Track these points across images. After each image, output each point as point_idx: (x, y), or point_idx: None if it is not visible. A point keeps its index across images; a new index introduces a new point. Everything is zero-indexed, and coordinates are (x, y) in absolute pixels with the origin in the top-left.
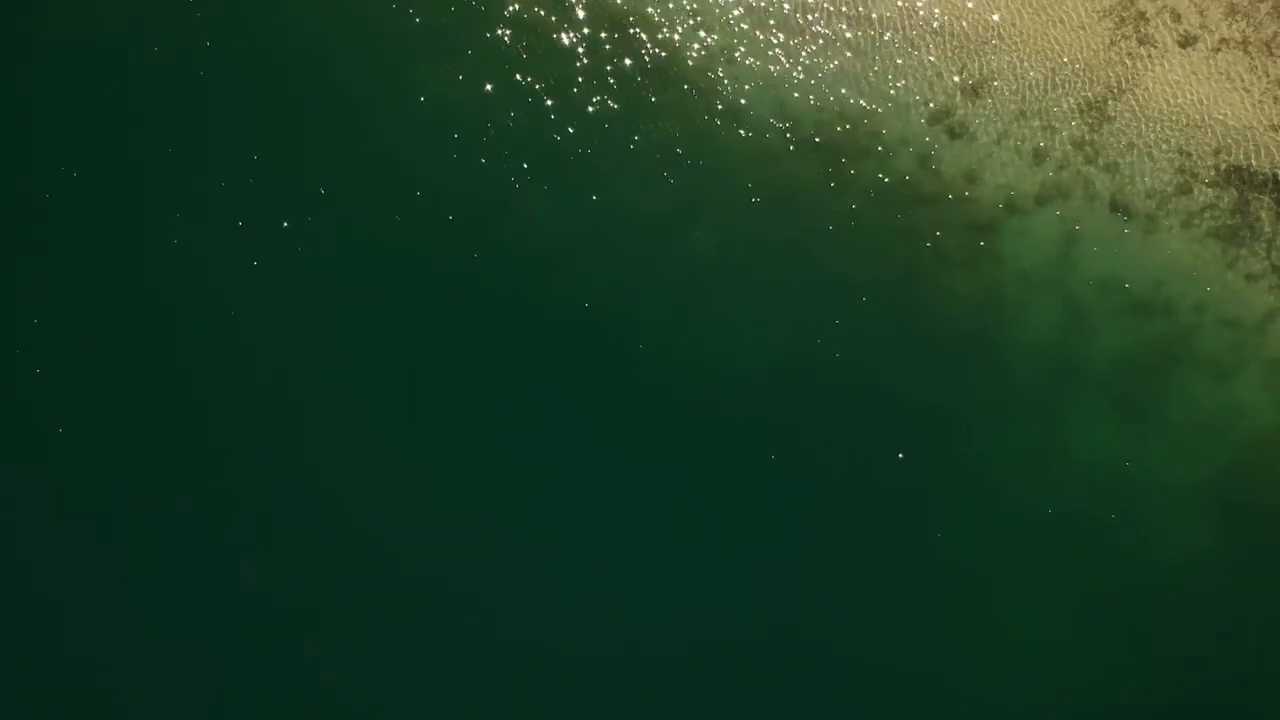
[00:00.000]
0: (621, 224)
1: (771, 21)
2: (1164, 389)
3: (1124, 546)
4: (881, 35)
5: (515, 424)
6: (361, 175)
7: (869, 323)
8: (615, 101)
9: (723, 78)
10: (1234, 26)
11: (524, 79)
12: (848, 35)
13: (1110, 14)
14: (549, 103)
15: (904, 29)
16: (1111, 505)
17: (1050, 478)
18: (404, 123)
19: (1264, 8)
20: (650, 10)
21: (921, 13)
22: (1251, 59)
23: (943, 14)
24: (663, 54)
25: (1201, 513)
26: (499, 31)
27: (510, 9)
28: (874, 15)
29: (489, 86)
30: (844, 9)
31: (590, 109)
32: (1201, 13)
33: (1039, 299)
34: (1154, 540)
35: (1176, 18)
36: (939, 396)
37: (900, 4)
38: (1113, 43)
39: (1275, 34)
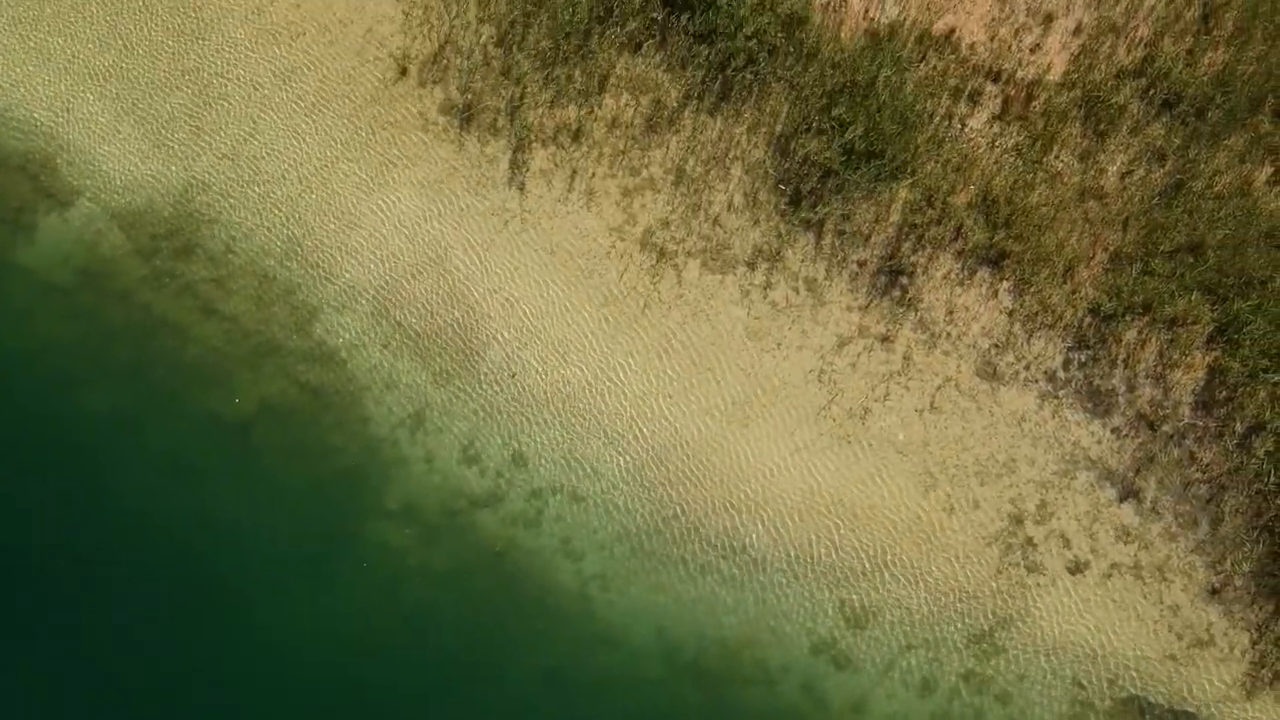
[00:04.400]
0: None
1: (647, 547)
2: None
3: None
4: (758, 565)
5: None
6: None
7: None
8: (492, 630)
9: (599, 603)
10: (1125, 550)
11: (402, 615)
12: (723, 566)
13: (996, 540)
14: (427, 636)
15: (780, 559)
16: None
17: None
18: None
19: (1155, 529)
20: (523, 536)
21: (795, 547)
22: (1144, 584)
23: (818, 547)
24: (540, 579)
25: None
26: (364, 560)
27: (378, 537)
28: (747, 545)
29: (355, 623)
30: (716, 541)
31: (465, 639)
32: (1092, 536)
33: None
34: None
35: (1066, 543)
36: None
37: (772, 537)
38: (1000, 570)
39: (1168, 557)
